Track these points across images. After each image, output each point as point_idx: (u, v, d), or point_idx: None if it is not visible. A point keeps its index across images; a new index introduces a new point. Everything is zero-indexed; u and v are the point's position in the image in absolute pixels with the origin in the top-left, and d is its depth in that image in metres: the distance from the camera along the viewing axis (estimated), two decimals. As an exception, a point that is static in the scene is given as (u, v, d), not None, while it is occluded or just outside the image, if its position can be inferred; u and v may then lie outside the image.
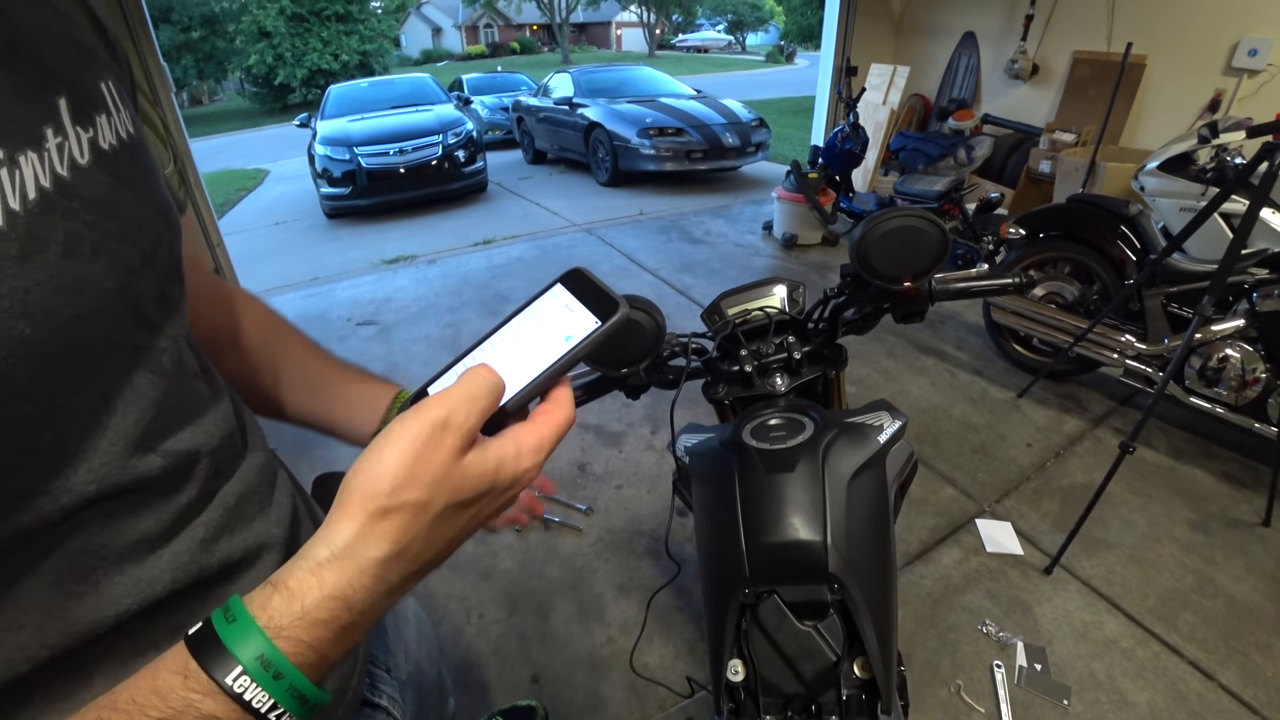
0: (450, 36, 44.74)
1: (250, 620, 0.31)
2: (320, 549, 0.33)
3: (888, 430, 0.86)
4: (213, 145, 15.24)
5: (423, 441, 0.34)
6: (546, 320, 0.46)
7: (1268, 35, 4.07)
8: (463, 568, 2.12)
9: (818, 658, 0.76)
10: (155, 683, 0.30)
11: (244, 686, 0.30)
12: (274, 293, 4.63)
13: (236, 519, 0.47)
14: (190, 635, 0.32)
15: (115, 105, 0.40)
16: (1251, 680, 1.70)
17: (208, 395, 0.48)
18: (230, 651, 0.30)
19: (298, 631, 0.31)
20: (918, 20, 6.41)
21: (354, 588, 0.33)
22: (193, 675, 0.30)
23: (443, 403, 0.36)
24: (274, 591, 0.32)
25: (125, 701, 0.30)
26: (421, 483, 0.34)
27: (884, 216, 0.83)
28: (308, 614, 0.32)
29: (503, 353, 0.45)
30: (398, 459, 0.34)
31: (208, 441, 0.45)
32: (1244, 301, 2.31)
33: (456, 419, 0.35)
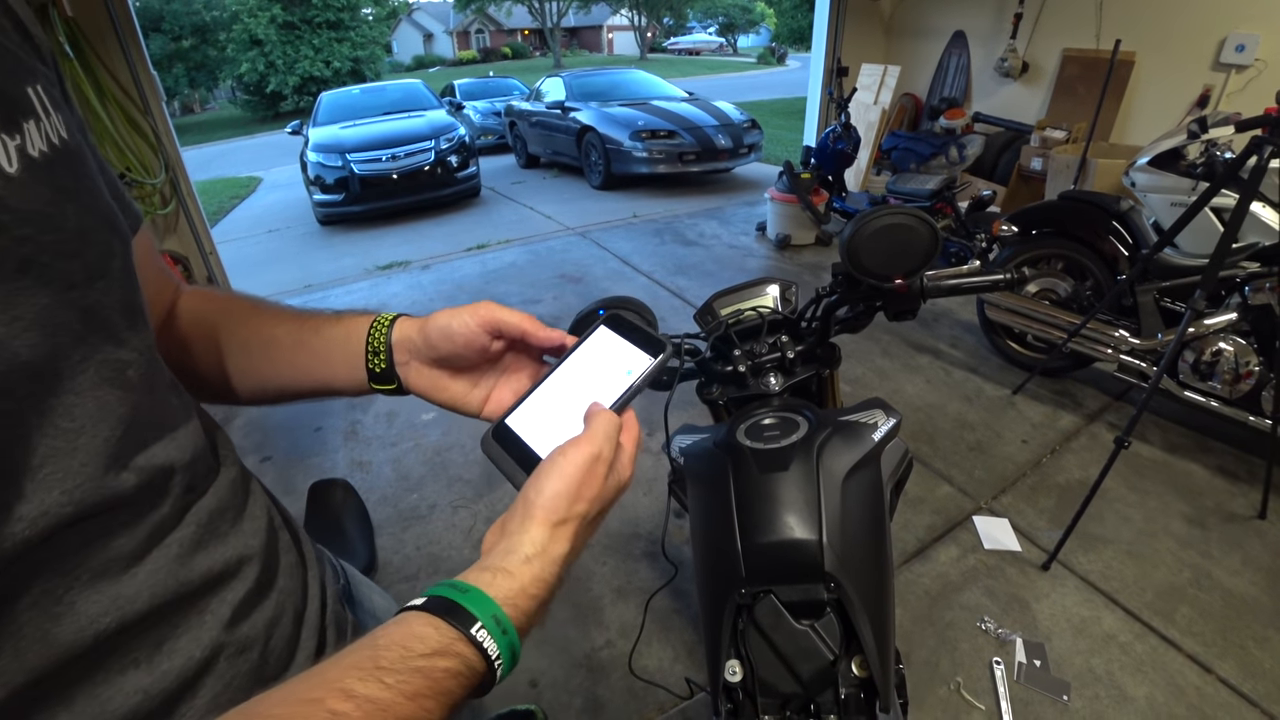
0: (442, 42, 44.74)
1: (482, 593, 0.40)
2: (525, 548, 0.44)
3: (882, 428, 0.86)
4: (205, 154, 15.19)
5: (585, 470, 0.47)
6: (601, 358, 0.55)
7: (1255, 31, 4.10)
8: (460, 572, 2.11)
9: (815, 657, 0.76)
10: (410, 630, 0.38)
11: (483, 637, 0.39)
12: (268, 300, 4.61)
13: (211, 534, 0.46)
14: (425, 604, 0.40)
15: (44, 110, 0.39)
16: (1250, 673, 1.70)
17: (179, 409, 0.47)
18: (471, 612, 0.39)
19: (518, 601, 0.41)
20: (908, 20, 6.44)
21: (548, 574, 0.44)
22: (442, 628, 0.38)
23: (592, 441, 0.48)
24: (495, 575, 0.42)
25: (386, 644, 0.37)
26: (585, 499, 0.46)
27: (873, 215, 0.83)
28: (524, 590, 0.42)
29: (573, 388, 0.54)
30: (568, 484, 0.46)
31: (180, 456, 0.45)
32: (1236, 295, 2.32)
33: (605, 454, 0.48)
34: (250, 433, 2.96)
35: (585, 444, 0.48)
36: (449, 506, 2.41)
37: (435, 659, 0.37)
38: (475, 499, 2.43)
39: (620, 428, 0.50)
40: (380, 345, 0.60)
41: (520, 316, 0.57)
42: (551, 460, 0.47)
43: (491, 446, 0.53)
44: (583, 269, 4.82)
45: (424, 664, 0.36)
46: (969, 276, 0.92)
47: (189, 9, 24.26)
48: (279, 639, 0.51)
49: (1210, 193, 2.06)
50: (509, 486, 1.92)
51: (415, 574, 2.13)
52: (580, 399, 0.53)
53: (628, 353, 0.54)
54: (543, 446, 0.52)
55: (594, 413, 0.50)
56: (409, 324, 0.60)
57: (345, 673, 0.35)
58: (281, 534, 0.57)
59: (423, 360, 0.60)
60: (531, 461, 0.51)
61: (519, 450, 0.52)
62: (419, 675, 0.36)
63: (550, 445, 0.51)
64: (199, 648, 0.43)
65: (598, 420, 0.50)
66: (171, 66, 23.93)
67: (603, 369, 0.54)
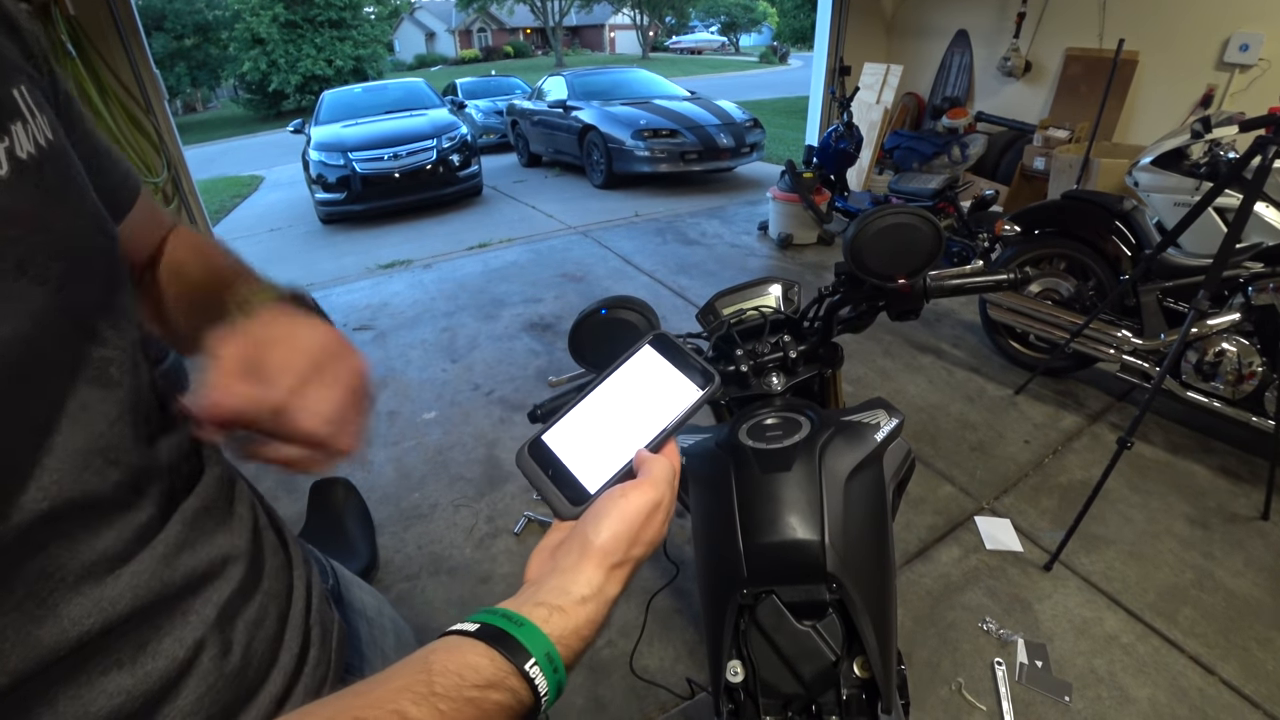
0: (444, 41, 44.75)
1: (538, 629, 0.40)
2: (581, 588, 0.44)
3: (884, 428, 0.86)
4: (207, 152, 15.19)
5: (645, 516, 0.47)
6: (644, 379, 0.54)
7: (1259, 30, 4.09)
8: (460, 573, 2.12)
9: (817, 658, 0.76)
10: (464, 659, 0.38)
11: (535, 674, 0.39)
12: (269, 299, 4.62)
13: (197, 533, 0.46)
14: (478, 632, 0.40)
15: (30, 111, 0.39)
16: (1252, 674, 1.70)
17: (162, 407, 0.47)
18: (526, 647, 0.39)
19: (569, 641, 0.42)
20: (910, 19, 6.43)
21: (600, 615, 0.44)
22: (498, 660, 0.38)
23: (655, 488, 0.48)
24: (551, 612, 0.42)
25: (440, 669, 0.37)
26: (641, 543, 0.47)
27: (877, 214, 0.82)
28: (577, 631, 0.42)
29: (614, 409, 0.53)
30: (629, 527, 0.46)
31: (165, 455, 0.45)
32: (1239, 295, 2.31)
33: (665, 501, 0.49)
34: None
35: (649, 489, 0.48)
36: (450, 506, 2.41)
37: (489, 691, 0.37)
38: (477, 498, 2.43)
39: (675, 471, 0.51)
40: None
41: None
42: (613, 501, 0.47)
43: (526, 462, 0.52)
44: (584, 268, 4.82)
45: (477, 695, 0.37)
46: (972, 276, 0.92)
47: (191, 7, 24.27)
48: (262, 640, 0.51)
49: (1214, 193, 2.05)
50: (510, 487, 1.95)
51: (417, 573, 2.13)
52: (622, 424, 0.52)
53: (671, 378, 0.53)
54: (580, 469, 0.51)
55: (648, 459, 0.50)
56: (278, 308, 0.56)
57: (398, 694, 0.35)
58: (267, 534, 0.57)
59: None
60: (568, 483, 0.50)
61: (556, 470, 0.51)
62: (471, 706, 0.36)
63: (588, 469, 0.51)
64: (182, 649, 0.43)
65: (658, 465, 0.49)
66: (174, 65, 23.94)
67: (645, 392, 0.53)
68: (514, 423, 2.85)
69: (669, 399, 0.52)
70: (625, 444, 0.51)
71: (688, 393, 0.52)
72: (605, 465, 0.50)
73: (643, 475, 0.49)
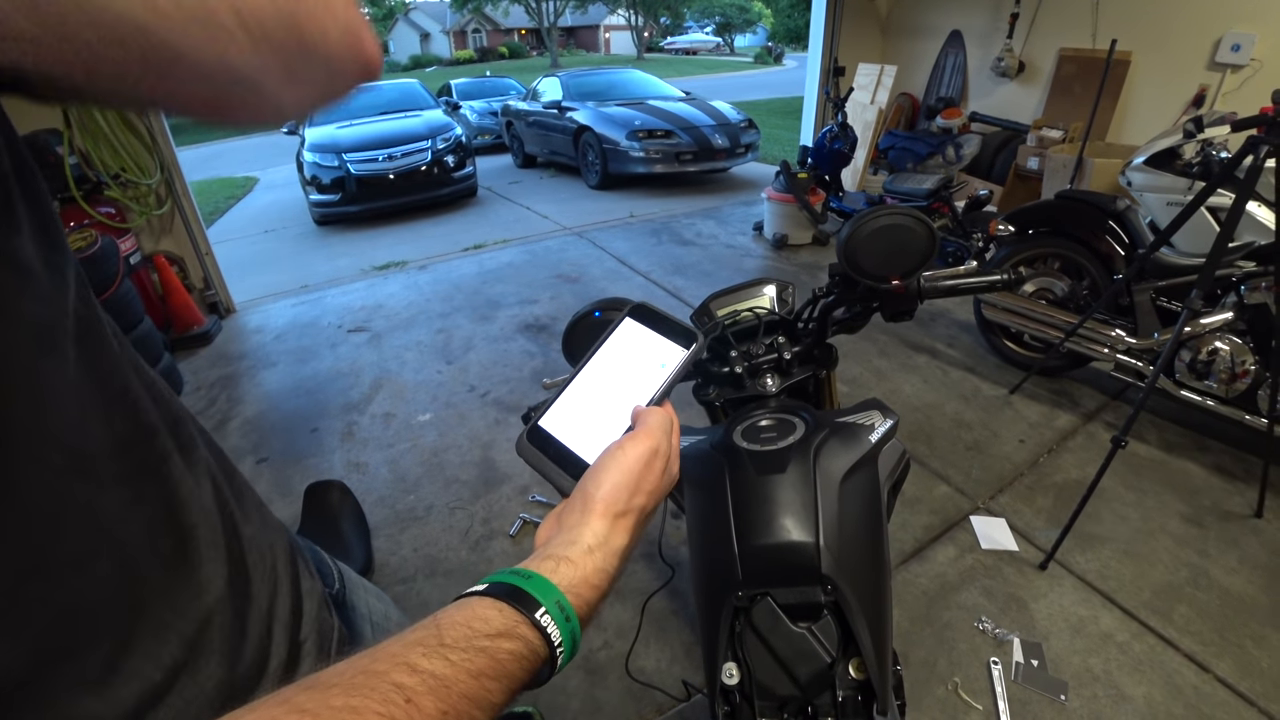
0: (438, 42, 44.70)
1: (545, 579, 0.41)
2: (587, 538, 0.45)
3: (879, 429, 0.86)
4: (201, 154, 15.12)
5: (644, 464, 0.48)
6: (630, 351, 0.55)
7: (1250, 30, 4.11)
8: (457, 574, 2.11)
9: (812, 660, 0.75)
10: (473, 612, 0.38)
11: (547, 622, 0.39)
12: (264, 301, 4.60)
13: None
14: (487, 590, 0.40)
15: None
16: (1247, 672, 1.70)
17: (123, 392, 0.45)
18: (534, 596, 0.39)
19: (580, 590, 0.42)
20: (904, 20, 6.44)
21: (610, 565, 0.45)
22: (506, 611, 0.38)
23: (649, 435, 0.49)
24: (558, 563, 0.42)
25: (449, 623, 0.37)
26: (643, 492, 0.48)
27: (871, 215, 0.82)
28: (586, 579, 0.43)
29: (605, 384, 0.54)
30: (628, 476, 0.47)
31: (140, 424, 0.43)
32: (1232, 294, 2.33)
33: (662, 448, 0.49)
34: (247, 433, 2.95)
35: (644, 438, 0.49)
36: (446, 508, 2.40)
37: (500, 640, 0.37)
38: (472, 500, 2.42)
39: (673, 420, 0.52)
40: None
41: None
42: (610, 454, 0.48)
43: (527, 449, 0.53)
44: (580, 269, 4.82)
45: (488, 644, 0.36)
46: (966, 277, 0.92)
47: (185, 8, 24.18)
48: (249, 650, 0.49)
49: (1206, 192, 2.06)
50: (506, 489, 1.94)
51: (412, 575, 2.12)
52: (614, 395, 0.53)
53: (657, 344, 0.54)
54: (580, 445, 0.51)
55: (642, 410, 0.51)
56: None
57: (408, 648, 0.35)
58: (250, 540, 0.55)
59: None
60: (570, 461, 0.51)
61: (556, 451, 0.52)
62: (483, 655, 0.36)
63: (588, 443, 0.51)
64: (159, 671, 0.42)
65: (652, 415, 0.51)
66: (167, 66, 23.84)
67: (633, 362, 0.54)
68: (509, 424, 2.85)
69: (657, 364, 0.53)
70: (620, 413, 0.52)
71: (674, 354, 0.53)
72: (604, 438, 0.51)
73: (638, 428, 0.50)
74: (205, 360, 3.73)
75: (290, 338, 3.96)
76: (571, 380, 0.54)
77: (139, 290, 3.59)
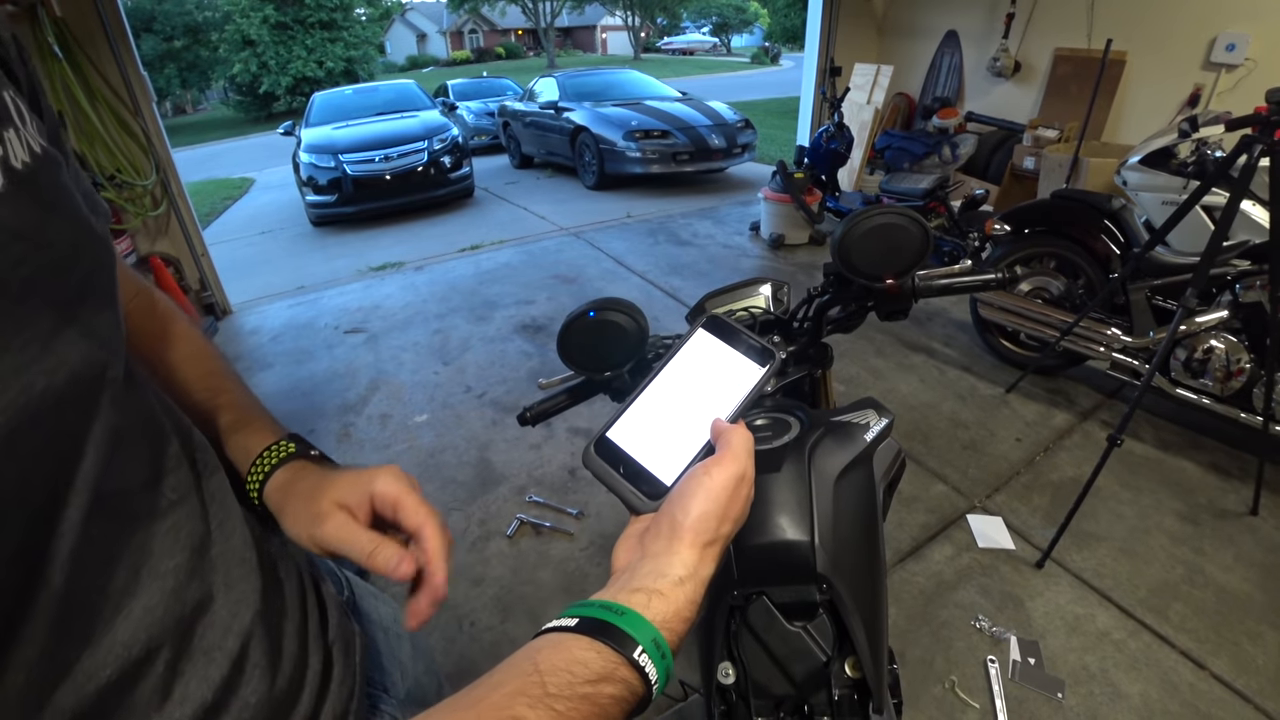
0: (435, 42, 44.66)
1: (640, 616, 0.40)
2: (677, 569, 0.43)
3: (874, 428, 0.86)
4: (198, 155, 15.12)
5: (731, 491, 0.46)
6: (702, 363, 0.53)
7: (1245, 30, 4.12)
8: (453, 576, 2.10)
9: (808, 658, 0.75)
10: (571, 655, 0.37)
11: (645, 661, 0.38)
12: (261, 302, 4.60)
13: (201, 560, 0.45)
14: (578, 626, 0.39)
15: (21, 117, 0.37)
16: (1243, 669, 1.71)
17: (154, 414, 0.46)
18: (632, 636, 0.39)
19: (672, 624, 0.41)
20: (900, 20, 6.45)
21: (698, 595, 0.44)
22: (605, 653, 0.38)
23: (736, 460, 0.47)
24: (650, 597, 0.41)
25: (549, 669, 0.37)
26: (730, 519, 0.47)
27: (865, 215, 0.83)
28: (679, 613, 0.42)
29: (677, 397, 0.52)
30: (716, 504, 0.45)
31: (159, 466, 0.44)
32: (1227, 293, 2.33)
33: (748, 474, 0.48)
34: (243, 435, 2.95)
35: (730, 463, 0.47)
36: (443, 509, 2.39)
37: (601, 685, 0.37)
38: (469, 500, 2.42)
39: (753, 444, 0.49)
40: (259, 479, 0.58)
41: (406, 495, 0.55)
42: (696, 480, 0.46)
43: (594, 461, 0.51)
44: (577, 269, 4.82)
45: (590, 690, 0.36)
46: (960, 276, 0.92)
47: (181, 9, 24.15)
48: (287, 661, 0.49)
49: (1201, 191, 2.07)
50: (503, 489, 1.94)
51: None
52: (687, 409, 0.51)
53: (730, 359, 0.52)
54: (653, 461, 0.50)
55: (725, 428, 0.49)
56: (298, 474, 0.57)
57: (512, 699, 0.35)
58: (276, 552, 0.56)
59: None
60: (644, 478, 0.49)
61: (625, 464, 0.50)
62: (586, 702, 0.36)
63: (661, 460, 0.50)
64: (210, 689, 0.42)
65: (735, 437, 0.48)
66: (163, 67, 23.81)
67: (706, 376, 0.52)
68: (506, 425, 2.84)
69: (731, 380, 0.51)
70: (695, 431, 0.50)
71: (749, 371, 0.51)
72: (678, 455, 0.49)
73: (722, 449, 0.48)
74: (202, 362, 3.71)
75: (287, 339, 3.96)
76: (640, 393, 0.52)
77: (135, 292, 3.58)
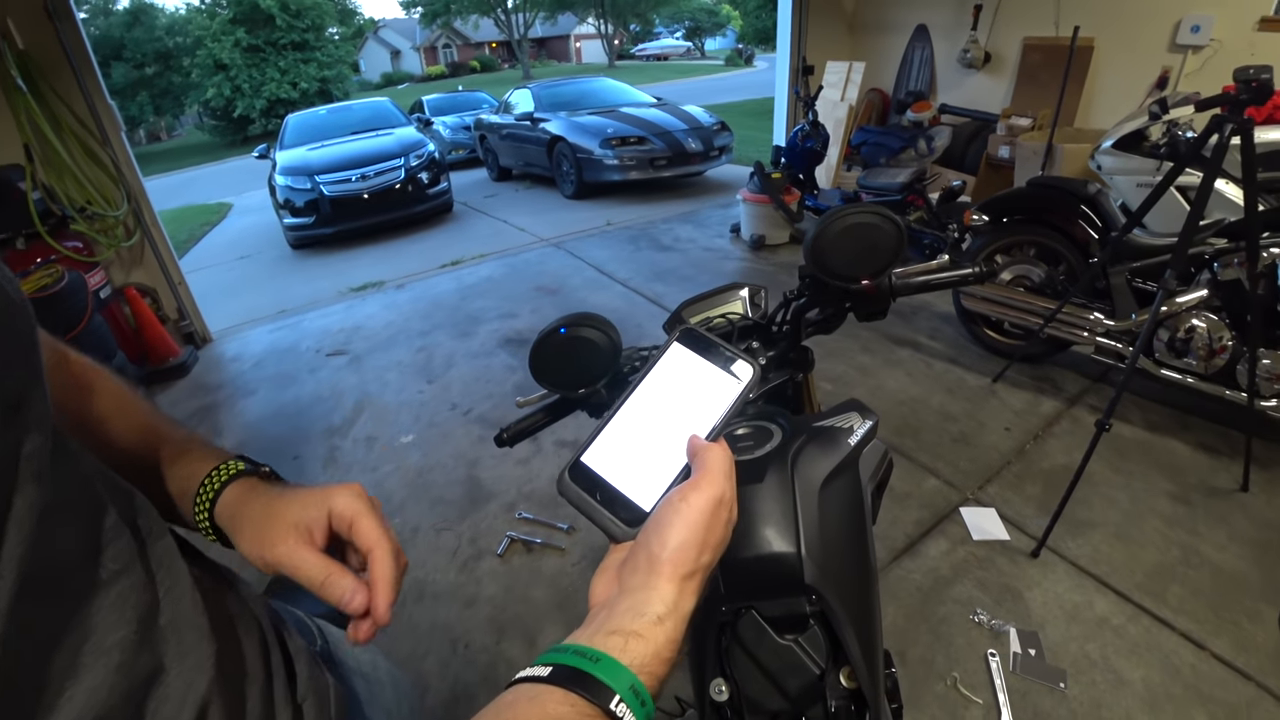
0: (410, 59, 44.64)
1: (616, 662, 0.38)
2: (655, 606, 0.41)
3: (859, 431, 0.84)
4: (173, 182, 15.01)
5: (710, 516, 0.43)
6: (679, 380, 0.50)
7: (1208, 12, 4.17)
8: (445, 598, 2.07)
9: (801, 672, 0.73)
10: (545, 710, 0.35)
11: (623, 711, 0.36)
12: (242, 328, 4.55)
13: (150, 630, 0.42)
14: (551, 676, 0.37)
15: None
16: (1243, 648, 1.70)
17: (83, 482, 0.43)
18: (606, 684, 0.37)
19: (651, 666, 0.39)
20: (870, 16, 6.49)
21: (679, 631, 0.41)
22: (580, 705, 0.36)
23: (713, 484, 0.44)
24: (626, 640, 0.39)
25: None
26: (710, 547, 0.44)
27: (836, 215, 0.81)
28: (658, 654, 0.39)
29: (653, 416, 0.49)
30: (694, 533, 0.43)
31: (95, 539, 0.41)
32: (1206, 272, 2.34)
33: (726, 496, 0.45)
34: (227, 465, 2.90)
35: (707, 486, 0.44)
36: (432, 529, 2.36)
37: None
38: (459, 520, 2.38)
39: (733, 462, 0.46)
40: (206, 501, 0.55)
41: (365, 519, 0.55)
42: (673, 507, 0.43)
43: (569, 488, 0.48)
44: (559, 280, 4.80)
45: None
46: (938, 272, 0.91)
47: (151, 36, 24.06)
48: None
49: (1174, 172, 2.07)
50: (493, 506, 1.91)
51: (400, 601, 2.06)
52: (664, 428, 0.48)
53: (707, 373, 0.49)
54: (630, 486, 0.47)
55: (701, 448, 0.46)
56: (250, 493, 0.55)
57: None
58: (235, 610, 0.53)
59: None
60: (621, 504, 0.47)
61: (602, 490, 0.48)
62: None
63: (639, 484, 0.47)
64: None
65: (712, 458, 0.45)
66: (135, 94, 23.69)
67: (682, 392, 0.49)
68: (493, 441, 2.80)
69: (709, 395, 0.49)
70: (673, 452, 0.47)
71: (728, 385, 0.49)
72: (656, 478, 0.47)
73: (699, 471, 0.45)
74: (183, 392, 3.67)
75: (269, 364, 3.91)
76: (616, 413, 0.50)
77: (111, 324, 3.53)
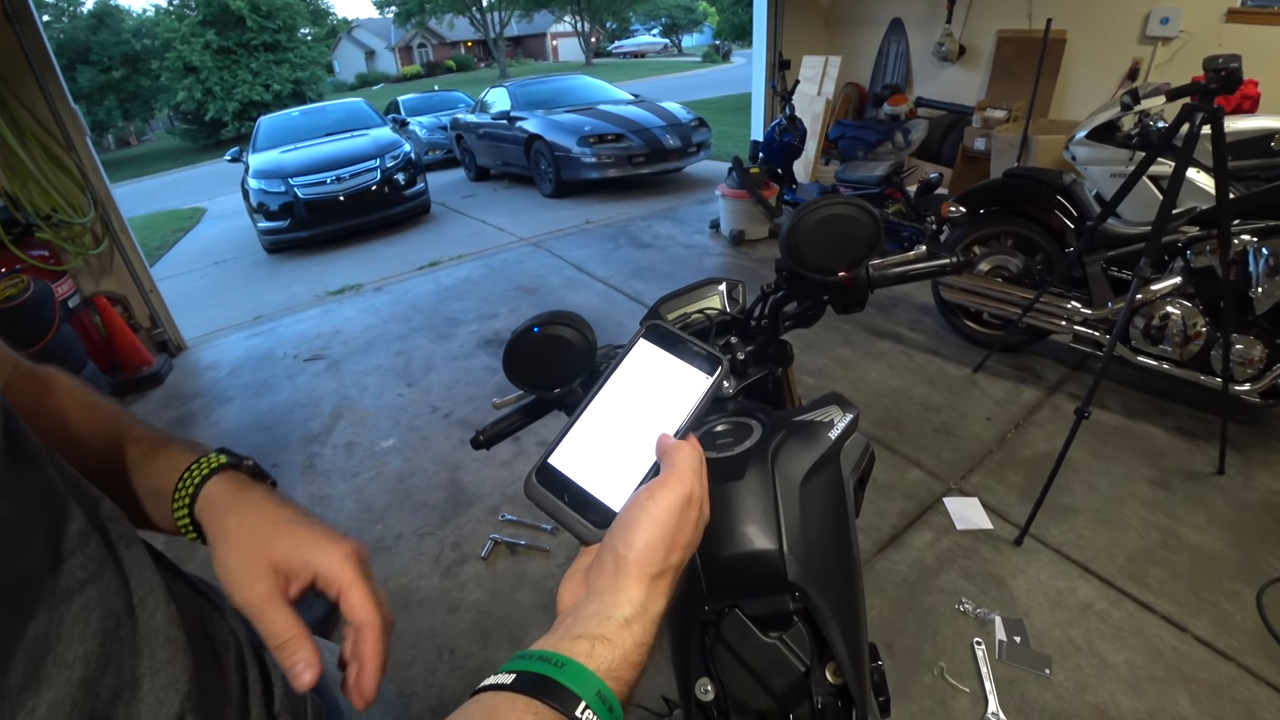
0: (384, 59, 44.20)
1: (582, 667, 0.37)
2: (623, 609, 0.39)
3: (839, 425, 0.83)
4: (145, 187, 14.75)
5: (679, 515, 0.42)
6: (646, 376, 0.49)
7: (1177, 4, 4.23)
8: (430, 604, 2.05)
9: (786, 670, 0.72)
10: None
11: (588, 717, 0.35)
12: (217, 335, 4.47)
13: (118, 645, 0.40)
14: (514, 683, 0.36)
15: None
16: (1223, 628, 1.73)
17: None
18: (571, 690, 0.35)
19: (619, 671, 0.38)
20: (846, 10, 6.51)
21: (648, 634, 0.40)
22: (544, 713, 0.34)
23: (681, 481, 0.43)
24: (593, 644, 0.38)
25: None
26: (679, 546, 0.42)
27: (812, 208, 0.80)
28: (625, 658, 0.38)
29: (621, 414, 0.48)
30: (662, 532, 0.41)
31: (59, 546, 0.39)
32: (1179, 260, 2.37)
33: (696, 494, 0.43)
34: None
35: (675, 484, 0.43)
36: (415, 535, 2.33)
37: None
38: (441, 524, 2.36)
39: (701, 459, 0.45)
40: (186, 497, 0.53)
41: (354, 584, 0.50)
42: (640, 506, 0.42)
43: (536, 490, 0.47)
44: (538, 279, 4.77)
45: None
46: (915, 263, 0.90)
47: (118, 39, 23.60)
48: None
49: (1147, 162, 2.09)
50: (475, 510, 1.89)
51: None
52: (632, 427, 0.47)
53: (675, 369, 0.48)
54: (598, 486, 0.46)
55: (670, 445, 0.45)
56: (240, 494, 0.53)
57: None
58: (212, 624, 0.51)
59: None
60: (590, 505, 0.45)
61: (570, 492, 0.46)
62: None
63: (607, 484, 0.46)
64: None
65: (680, 455, 0.44)
66: (103, 99, 23.24)
67: (651, 389, 0.48)
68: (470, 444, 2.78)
69: (677, 392, 0.47)
70: (642, 450, 0.46)
71: (696, 381, 0.47)
72: (625, 478, 0.46)
73: (666, 469, 0.43)
74: (157, 402, 3.59)
75: (245, 371, 3.84)
76: (581, 413, 0.49)
77: (81, 334, 3.45)
